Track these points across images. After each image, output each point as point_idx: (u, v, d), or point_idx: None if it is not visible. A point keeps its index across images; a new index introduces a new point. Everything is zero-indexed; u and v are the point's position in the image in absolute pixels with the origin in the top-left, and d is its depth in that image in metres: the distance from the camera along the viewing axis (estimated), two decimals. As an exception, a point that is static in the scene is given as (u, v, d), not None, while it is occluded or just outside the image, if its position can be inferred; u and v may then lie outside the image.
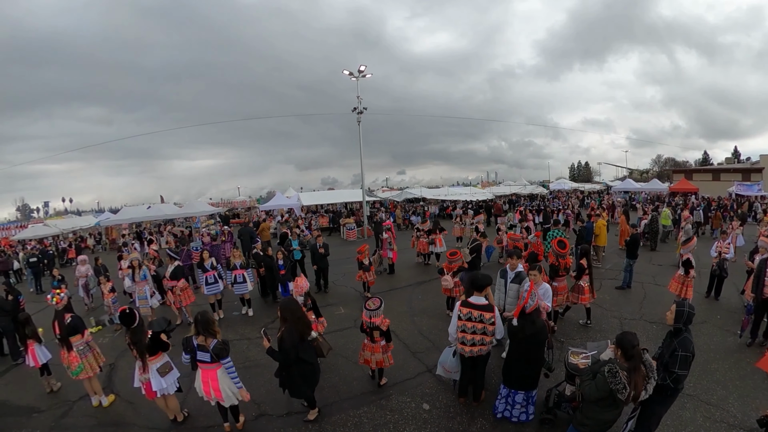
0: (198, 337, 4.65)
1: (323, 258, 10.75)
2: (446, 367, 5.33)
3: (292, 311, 4.74)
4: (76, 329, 5.86)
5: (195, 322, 4.70)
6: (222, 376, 4.76)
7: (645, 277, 10.79)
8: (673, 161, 76.66)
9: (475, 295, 4.94)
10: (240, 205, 49.53)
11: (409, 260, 14.22)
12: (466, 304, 4.91)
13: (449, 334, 5.19)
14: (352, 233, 21.03)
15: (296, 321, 4.67)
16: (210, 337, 4.64)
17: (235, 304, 9.89)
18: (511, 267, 6.41)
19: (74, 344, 5.78)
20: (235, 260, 9.35)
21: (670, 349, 3.89)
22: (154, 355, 5.10)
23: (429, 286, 11.20)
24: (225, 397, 4.76)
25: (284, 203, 26.17)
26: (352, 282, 11.63)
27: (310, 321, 4.87)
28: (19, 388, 6.80)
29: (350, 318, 8.93)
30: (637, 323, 7.72)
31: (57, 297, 5.90)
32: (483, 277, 5.10)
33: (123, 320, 5.03)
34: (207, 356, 4.64)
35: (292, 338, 4.56)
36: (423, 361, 6.69)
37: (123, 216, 26.27)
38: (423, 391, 5.84)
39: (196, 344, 4.68)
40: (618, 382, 3.37)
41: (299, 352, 4.59)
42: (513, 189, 40.10)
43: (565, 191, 42.53)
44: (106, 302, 9.37)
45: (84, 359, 5.80)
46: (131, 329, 5.05)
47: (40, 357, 6.34)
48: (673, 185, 35.45)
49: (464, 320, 4.82)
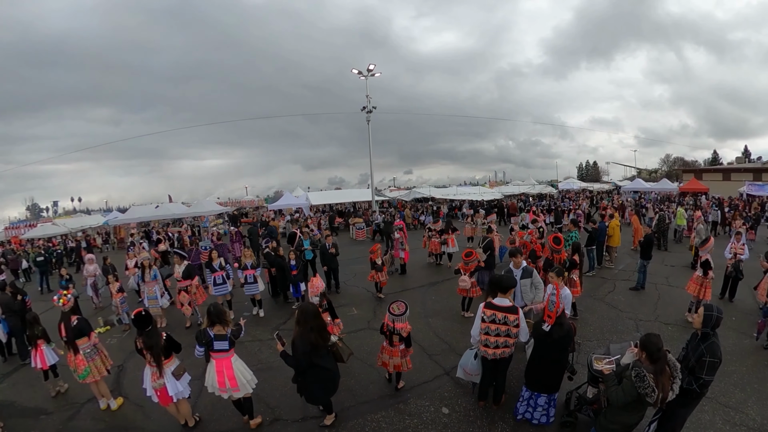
0: (214, 328, 4.71)
1: (333, 258, 10.56)
2: (467, 369, 5.21)
3: (306, 318, 4.48)
4: (82, 332, 5.69)
5: (208, 314, 4.77)
6: (236, 363, 4.82)
7: (658, 278, 10.60)
8: (681, 161, 76.18)
9: (499, 296, 4.81)
10: (248, 204, 49.51)
11: (420, 260, 14.02)
12: (489, 305, 4.78)
13: (472, 336, 5.03)
14: (361, 233, 20.85)
15: (308, 329, 4.42)
16: (225, 326, 4.76)
17: (246, 304, 9.70)
18: (515, 265, 6.80)
19: (80, 347, 5.62)
20: (246, 260, 9.15)
21: (696, 354, 3.77)
22: (168, 358, 4.92)
23: (442, 287, 11.01)
24: (240, 385, 4.74)
25: (293, 202, 26.07)
26: (363, 282, 11.45)
27: (325, 330, 4.59)
28: (27, 389, 6.70)
29: (363, 319, 8.77)
30: (652, 325, 7.58)
31: (63, 298, 5.74)
32: (508, 279, 4.97)
33: (137, 323, 4.79)
34: (225, 343, 4.72)
35: (303, 345, 4.38)
36: (440, 364, 6.55)
37: (131, 215, 26.23)
38: (441, 394, 5.70)
39: (212, 335, 4.70)
40: (647, 386, 3.30)
41: (313, 358, 4.41)
42: (522, 188, 39.80)
43: (573, 191, 42.11)
44: (114, 302, 9.20)
45: (91, 362, 5.64)
46: (145, 332, 4.82)
47: (48, 358, 6.22)
48: (683, 185, 35.20)
49: (488, 322, 4.71)
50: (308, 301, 4.90)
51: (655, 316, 8.10)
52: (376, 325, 8.25)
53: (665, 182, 36.96)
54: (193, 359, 6.97)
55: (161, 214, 26.36)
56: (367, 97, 21.78)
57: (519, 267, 6.79)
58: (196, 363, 6.90)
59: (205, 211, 26.82)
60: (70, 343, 5.55)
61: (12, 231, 31.34)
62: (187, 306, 8.67)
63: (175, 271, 8.83)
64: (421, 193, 32.99)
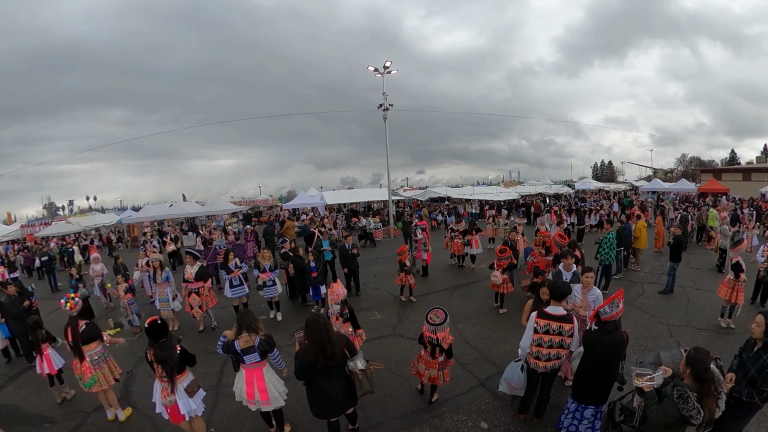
0: (241, 339, 4.19)
1: (354, 259, 10.07)
2: (513, 384, 4.80)
3: (311, 333, 3.83)
4: (90, 337, 5.24)
5: (239, 320, 4.26)
6: (268, 374, 4.40)
7: (685, 281, 10.16)
8: (698, 160, 74.78)
9: (553, 304, 4.42)
10: (262, 203, 49.33)
11: (441, 262, 13.46)
12: (543, 315, 4.38)
13: (521, 348, 4.64)
14: (378, 233, 20.33)
15: (312, 343, 3.81)
16: (253, 334, 4.24)
17: (262, 307, 9.24)
18: (566, 267, 6.46)
19: (88, 354, 5.16)
20: (265, 262, 8.64)
21: (758, 365, 3.51)
22: (181, 373, 4.37)
23: (467, 290, 10.52)
24: (272, 398, 4.36)
25: (308, 202, 25.73)
26: (384, 284, 10.97)
27: (332, 346, 3.82)
28: (32, 393, 6.35)
29: (387, 324, 8.25)
30: (684, 330, 7.33)
31: (71, 302, 5.28)
32: (563, 286, 4.60)
33: (151, 333, 4.22)
34: (256, 356, 4.26)
35: (302, 360, 3.83)
36: (474, 374, 6.11)
37: (145, 214, 26.13)
38: (478, 407, 5.30)
39: (240, 349, 4.21)
40: (691, 408, 2.99)
41: (313, 374, 3.84)
42: (538, 188, 38.99)
43: (590, 191, 41.58)
44: (123, 303, 8.79)
45: (98, 370, 5.19)
46: (158, 344, 4.25)
47: (55, 362, 5.88)
48: (702, 185, 34.38)
49: (541, 333, 4.35)
50: (316, 312, 4.27)
51: (687, 320, 7.78)
52: (402, 330, 7.92)
53: (684, 182, 35.79)
54: (206, 367, 6.63)
55: (175, 213, 26.21)
56: (384, 94, 21.31)
57: (570, 270, 6.44)
58: (208, 372, 6.51)
59: (219, 210, 26.73)
60: (77, 349, 5.10)
61: (27, 229, 31.44)
62: (197, 309, 8.20)
63: (187, 272, 8.33)
64: (437, 192, 32.38)
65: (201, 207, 27.37)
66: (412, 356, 6.61)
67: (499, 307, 8.66)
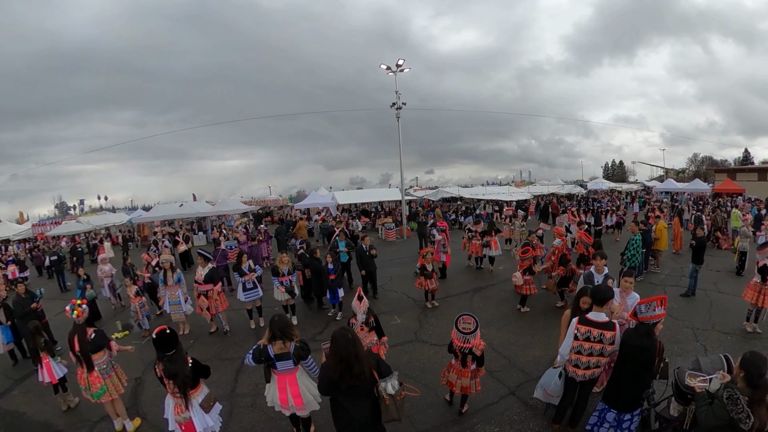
0: (275, 345, 3.93)
1: (372, 260, 9.69)
2: (549, 391, 4.55)
3: (337, 349, 3.39)
4: (99, 346, 4.90)
5: (271, 326, 3.97)
6: (301, 377, 4.16)
7: (705, 283, 9.80)
8: (710, 160, 73.91)
9: (595, 310, 4.18)
10: (273, 203, 49.18)
11: (457, 263, 13.03)
12: (584, 321, 4.13)
13: (560, 355, 4.40)
14: (391, 233, 19.95)
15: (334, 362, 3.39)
16: (288, 341, 3.97)
17: (276, 309, 8.81)
18: (597, 269, 6.30)
19: (96, 362, 4.83)
20: (283, 267, 8.26)
21: None
22: (194, 387, 3.97)
23: (488, 293, 10.14)
24: (306, 402, 4.13)
25: (319, 201, 25.47)
26: (402, 286, 10.60)
27: (354, 368, 3.33)
28: (37, 399, 6.10)
29: (409, 329, 7.86)
30: (710, 334, 7.11)
31: (78, 309, 4.95)
32: (606, 290, 4.33)
33: (159, 344, 3.81)
34: (290, 362, 4.02)
35: (325, 376, 3.44)
36: (503, 382, 5.81)
37: (155, 213, 25.97)
38: (510, 417, 5.03)
39: (273, 354, 3.95)
40: (740, 410, 2.87)
41: (334, 393, 3.45)
42: (550, 188, 38.39)
43: (602, 191, 41.05)
44: (132, 307, 8.46)
45: (107, 379, 4.86)
46: (167, 357, 3.84)
47: (56, 371, 5.58)
48: (716, 186, 33.59)
49: (581, 340, 4.11)
50: (343, 326, 3.81)
51: (711, 324, 7.53)
52: (424, 336, 7.55)
53: (698, 183, 35.08)
54: (219, 374, 6.27)
55: (185, 213, 26.00)
56: (396, 93, 21.02)
57: (602, 272, 6.27)
58: (222, 381, 6.16)
59: (229, 209, 26.56)
60: (85, 358, 4.77)
61: (39, 228, 31.50)
62: (205, 311, 7.88)
63: (197, 273, 7.99)
64: (449, 192, 31.98)
65: (211, 207, 27.15)
66: (437, 363, 6.37)
67: (521, 306, 8.50)
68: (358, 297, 5.12)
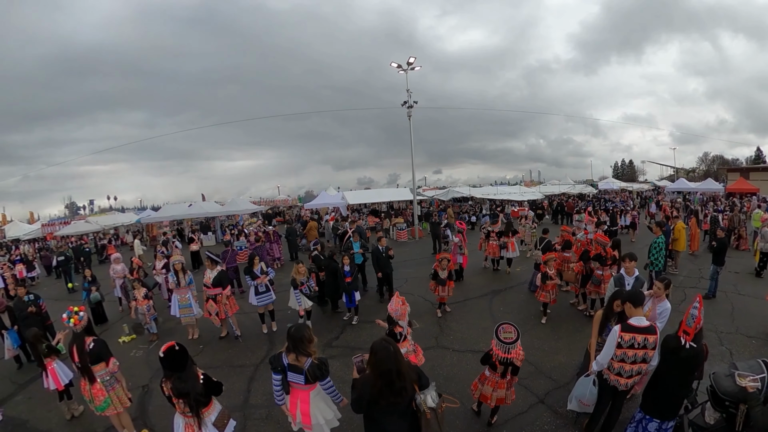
0: (289, 355, 3.58)
1: (389, 262, 9.35)
2: (585, 401, 4.37)
3: (377, 363, 3.00)
4: (99, 357, 4.55)
5: (288, 339, 3.59)
6: (315, 398, 3.75)
7: (725, 285, 9.46)
8: (721, 159, 73.02)
9: (635, 315, 3.97)
10: (282, 203, 49.03)
11: (474, 265, 12.59)
12: (628, 328, 3.89)
13: (597, 363, 4.13)
14: (402, 234, 19.58)
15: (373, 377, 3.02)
16: (303, 356, 3.57)
17: (289, 313, 8.53)
18: (628, 271, 6.11)
19: (98, 374, 4.49)
20: (300, 277, 7.78)
21: None
22: (207, 405, 3.54)
23: (507, 296, 9.77)
24: (314, 424, 3.73)
25: (329, 201, 25.19)
26: (418, 289, 10.23)
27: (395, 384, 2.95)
28: (41, 406, 5.82)
29: (429, 334, 7.51)
30: (734, 337, 6.91)
31: (75, 317, 4.58)
32: (642, 292, 4.34)
33: (168, 363, 3.36)
34: (300, 378, 3.59)
35: (362, 394, 3.06)
36: (531, 390, 5.54)
37: (164, 213, 25.82)
38: (541, 427, 4.83)
39: (287, 363, 3.59)
40: None
41: (372, 410, 3.07)
42: (561, 188, 37.84)
43: (613, 190, 40.69)
44: (140, 309, 8.18)
45: (111, 392, 4.52)
46: (178, 376, 3.37)
47: (61, 377, 5.27)
48: (729, 185, 33.00)
49: (625, 348, 3.89)
50: (384, 337, 3.39)
51: (735, 327, 7.29)
52: (445, 342, 7.24)
53: (710, 182, 34.22)
54: (230, 382, 5.96)
55: (194, 213, 25.87)
56: (408, 91, 20.75)
57: (632, 274, 6.08)
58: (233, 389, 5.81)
59: (239, 209, 26.37)
60: (85, 369, 4.43)
61: (48, 228, 31.61)
62: (214, 316, 7.53)
63: (206, 276, 7.65)
64: (459, 192, 31.58)
65: (221, 207, 26.98)
66: (461, 370, 6.07)
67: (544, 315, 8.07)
68: (400, 302, 4.81)
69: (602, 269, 7.88)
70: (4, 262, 17.26)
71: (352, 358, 3.59)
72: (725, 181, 38.88)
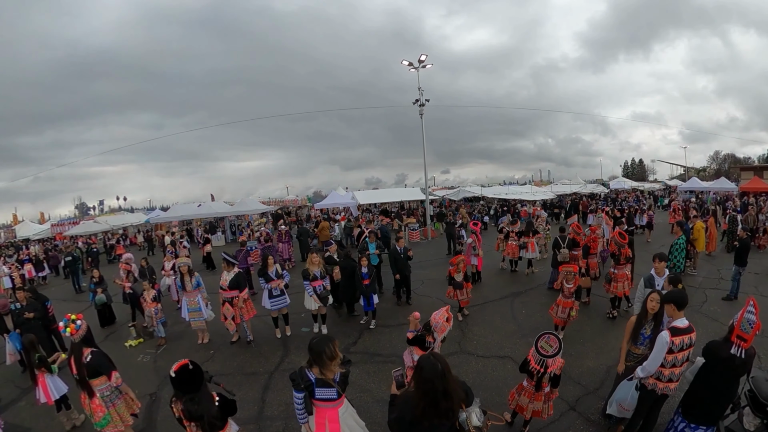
0: (314, 369, 3.21)
1: (408, 264, 8.98)
2: (625, 405, 4.19)
3: (423, 381, 2.57)
4: (98, 370, 4.17)
5: (310, 352, 3.22)
6: (344, 416, 3.37)
7: (746, 286, 9.06)
8: (732, 157, 71.84)
9: (678, 317, 3.88)
10: (291, 203, 48.87)
11: (491, 266, 12.17)
12: (677, 332, 3.77)
13: (645, 370, 3.93)
14: (415, 234, 19.19)
15: (418, 396, 2.59)
16: (329, 371, 3.21)
17: (303, 316, 8.19)
18: (658, 272, 6.09)
19: (97, 389, 4.12)
20: (314, 268, 7.47)
21: None
22: (223, 426, 3.12)
23: (528, 298, 9.38)
24: None
25: (339, 201, 24.94)
26: (435, 291, 9.87)
27: (442, 404, 2.52)
28: (43, 414, 5.50)
29: (451, 339, 7.01)
30: (760, 341, 6.30)
31: (71, 326, 4.17)
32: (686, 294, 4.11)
33: (180, 384, 2.91)
34: (332, 392, 3.22)
35: (403, 414, 2.65)
36: (561, 396, 5.09)
37: (173, 213, 25.80)
38: None
39: (314, 378, 3.18)
40: None
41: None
42: (573, 188, 37.27)
43: (624, 190, 39.98)
44: (148, 312, 7.86)
45: (112, 408, 4.15)
46: (190, 398, 2.90)
47: (53, 392, 4.94)
48: (743, 184, 31.95)
49: (677, 352, 3.78)
50: (432, 352, 2.96)
51: (762, 330, 6.47)
52: (469, 347, 6.91)
53: (724, 181, 33.44)
54: (243, 392, 5.64)
55: (203, 213, 25.74)
56: (419, 89, 20.47)
57: (663, 274, 6.05)
58: (246, 399, 5.43)
59: (248, 210, 26.21)
60: (83, 383, 4.06)
61: (57, 228, 31.74)
62: (230, 321, 7.16)
63: (222, 278, 7.29)
64: (470, 192, 31.18)
65: (230, 207, 26.85)
66: (488, 378, 5.78)
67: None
68: (444, 318, 4.46)
69: (616, 268, 7.87)
70: (12, 262, 17.13)
71: (392, 372, 3.19)
72: (738, 180, 37.97)
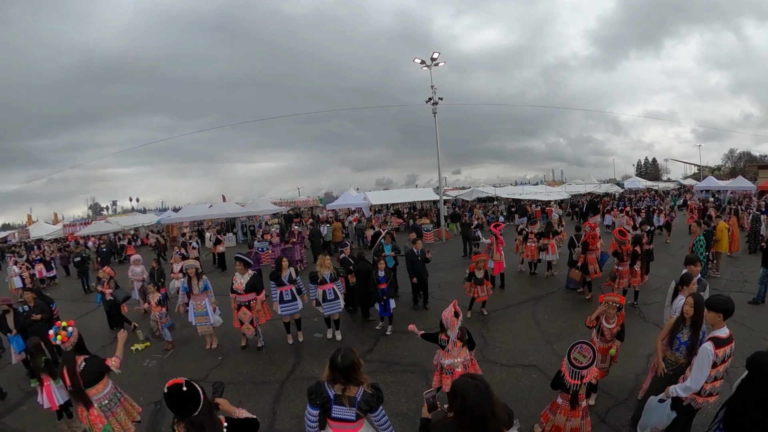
0: (335, 386, 2.88)
1: (425, 267, 8.62)
2: (660, 427, 3.94)
3: (467, 406, 2.17)
4: (93, 379, 3.88)
5: (331, 364, 2.90)
6: None
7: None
8: (748, 155, 69.98)
9: (720, 326, 3.66)
10: (302, 204, 48.86)
11: (508, 268, 11.62)
12: (720, 343, 3.57)
13: (686, 389, 3.68)
14: (428, 235, 18.80)
15: (461, 424, 2.22)
16: (353, 386, 2.87)
17: (315, 321, 7.86)
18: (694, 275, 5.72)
19: (95, 398, 3.83)
20: (324, 271, 7.14)
21: None
22: None
23: (550, 303, 8.96)
24: None
25: (352, 202, 24.71)
26: (452, 294, 9.30)
27: (489, 428, 2.14)
28: (45, 420, 5.30)
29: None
30: None
31: (62, 333, 3.83)
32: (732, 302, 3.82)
33: (173, 405, 2.39)
34: (351, 413, 2.84)
35: None
36: (591, 408, 4.73)
37: (184, 214, 25.71)
38: None
39: (333, 395, 2.86)
40: None
41: None
42: (587, 188, 36.65)
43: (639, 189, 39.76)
44: (153, 316, 7.61)
45: (112, 418, 3.85)
46: (190, 421, 2.40)
47: (57, 397, 4.68)
48: (761, 183, 30.93)
49: (719, 364, 3.60)
50: (468, 373, 2.57)
51: None
52: (492, 355, 6.49)
53: (741, 180, 32.26)
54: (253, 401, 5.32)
55: (215, 214, 25.66)
56: (432, 87, 20.19)
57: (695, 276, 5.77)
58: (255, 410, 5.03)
59: (260, 210, 26.07)
60: (78, 393, 3.77)
61: (69, 228, 32.00)
62: (248, 325, 6.81)
63: (236, 281, 6.96)
64: (484, 192, 30.72)
65: (241, 207, 26.73)
66: (513, 388, 5.50)
67: None
68: (454, 313, 4.25)
69: (620, 265, 8.19)
70: (22, 262, 17.08)
71: (423, 394, 2.84)
72: (756, 179, 36.93)
